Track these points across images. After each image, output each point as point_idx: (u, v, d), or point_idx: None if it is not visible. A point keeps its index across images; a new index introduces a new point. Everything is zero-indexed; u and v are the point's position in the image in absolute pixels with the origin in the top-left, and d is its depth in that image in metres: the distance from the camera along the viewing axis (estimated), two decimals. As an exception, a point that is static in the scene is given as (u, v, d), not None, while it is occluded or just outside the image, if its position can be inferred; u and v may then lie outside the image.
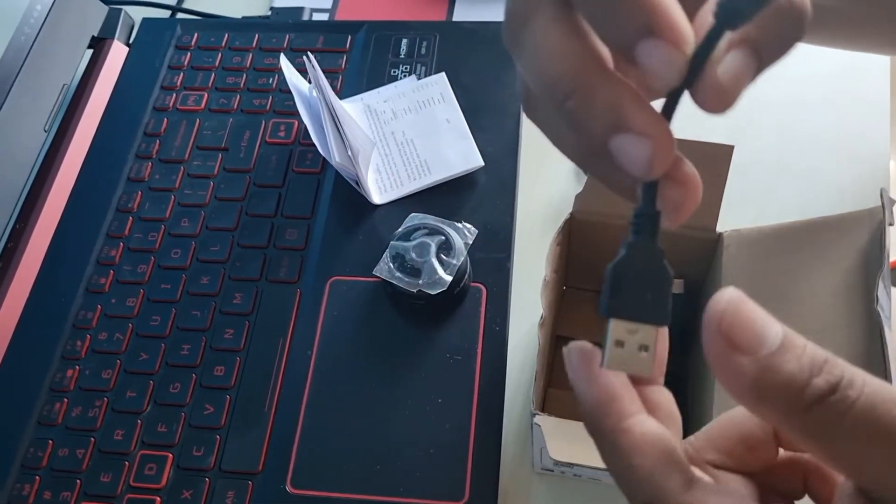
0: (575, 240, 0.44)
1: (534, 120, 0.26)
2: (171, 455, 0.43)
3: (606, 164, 0.22)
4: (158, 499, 0.42)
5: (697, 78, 0.21)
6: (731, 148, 0.38)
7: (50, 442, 0.44)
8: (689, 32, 0.20)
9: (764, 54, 0.22)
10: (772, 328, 0.21)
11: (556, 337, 0.46)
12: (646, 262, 0.23)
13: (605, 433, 0.23)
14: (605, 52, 0.22)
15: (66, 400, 0.45)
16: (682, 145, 0.29)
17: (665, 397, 0.25)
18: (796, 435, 0.21)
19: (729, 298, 0.21)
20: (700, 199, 0.23)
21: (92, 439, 0.44)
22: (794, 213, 0.42)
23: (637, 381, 0.24)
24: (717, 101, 0.21)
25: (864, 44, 0.46)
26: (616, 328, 0.23)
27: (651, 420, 0.23)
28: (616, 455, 0.23)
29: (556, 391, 0.45)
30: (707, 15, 0.21)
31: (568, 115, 0.21)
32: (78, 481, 0.43)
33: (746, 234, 0.41)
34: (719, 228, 0.42)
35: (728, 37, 0.21)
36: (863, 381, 0.20)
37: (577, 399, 0.24)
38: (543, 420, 0.36)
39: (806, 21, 0.22)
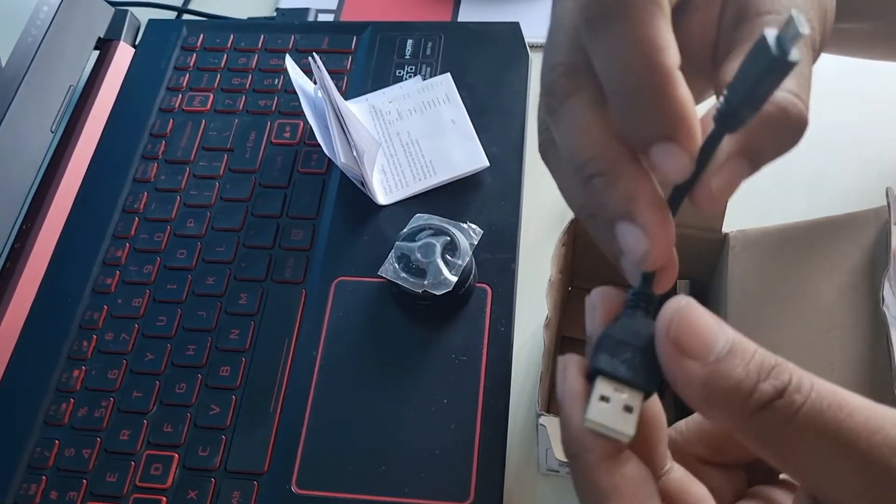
0: (580, 241, 0.44)
1: (547, 163, 0.28)
2: (176, 455, 0.43)
3: (605, 231, 0.24)
4: (164, 499, 0.42)
5: (696, 180, 0.23)
6: None
7: (56, 442, 0.44)
8: (699, 136, 0.22)
9: (756, 160, 0.24)
10: (720, 334, 0.21)
11: (561, 337, 0.46)
12: (641, 333, 0.23)
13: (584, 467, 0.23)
14: None
15: (72, 400, 0.45)
16: None
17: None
18: (746, 439, 0.21)
19: (677, 306, 0.22)
20: (674, 279, 0.24)
21: (98, 439, 0.44)
22: (800, 214, 0.42)
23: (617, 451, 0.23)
24: (709, 204, 0.23)
25: (888, 56, 0.45)
26: (603, 384, 0.23)
27: (634, 461, 0.23)
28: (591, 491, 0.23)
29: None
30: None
31: (589, 189, 0.24)
32: (84, 481, 0.43)
33: (752, 234, 0.41)
34: (725, 229, 0.42)
35: (727, 138, 0.22)
36: (811, 386, 0.20)
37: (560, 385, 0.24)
38: (549, 421, 0.36)
39: (802, 131, 0.24)
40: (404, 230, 0.44)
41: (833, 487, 0.20)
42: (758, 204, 0.49)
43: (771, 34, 0.19)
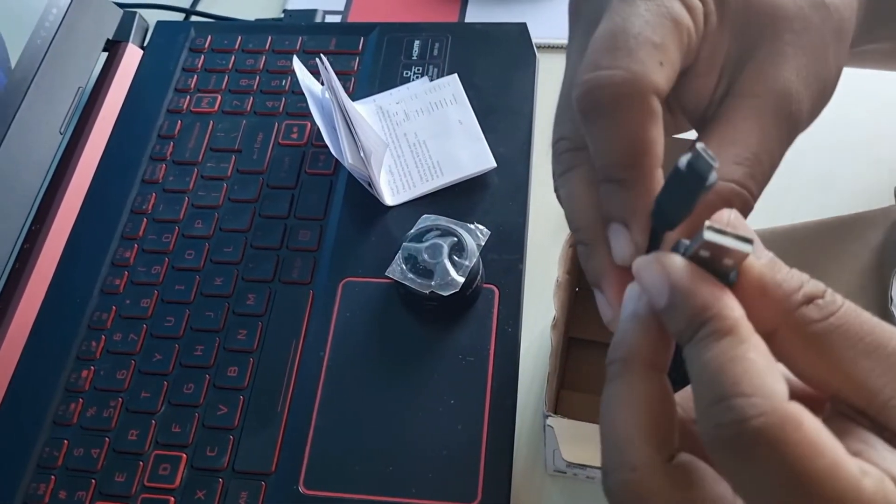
0: None
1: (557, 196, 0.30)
2: (184, 455, 0.43)
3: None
4: (172, 499, 0.42)
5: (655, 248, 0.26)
6: None
7: (65, 442, 0.44)
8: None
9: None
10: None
11: (568, 338, 0.46)
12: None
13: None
14: None
15: (81, 400, 0.46)
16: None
17: None
18: (786, 338, 0.22)
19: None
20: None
21: (107, 439, 0.44)
22: (809, 214, 0.42)
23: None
24: None
25: None
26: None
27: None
28: None
29: (568, 393, 0.45)
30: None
31: (578, 251, 0.29)
32: (93, 481, 0.43)
33: (760, 234, 0.41)
34: None
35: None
36: (843, 299, 0.22)
37: None
38: (556, 422, 0.36)
39: (747, 213, 0.27)
40: (411, 231, 0.44)
41: (865, 385, 0.22)
42: (766, 204, 0.48)
43: (683, 160, 0.22)
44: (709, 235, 0.22)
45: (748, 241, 0.22)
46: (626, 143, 0.25)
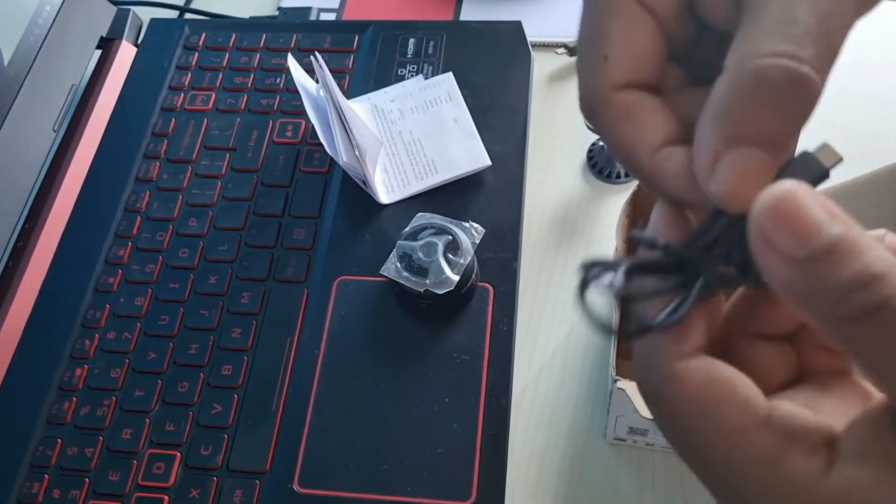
0: (640, 211, 0.43)
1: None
2: (179, 454, 0.43)
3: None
4: (167, 498, 0.42)
5: None
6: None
7: (59, 441, 0.44)
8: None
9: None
10: (822, 231, 0.19)
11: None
12: None
13: None
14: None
15: (74, 399, 0.46)
16: None
17: None
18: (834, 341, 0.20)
19: (773, 193, 0.19)
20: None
21: (100, 438, 0.44)
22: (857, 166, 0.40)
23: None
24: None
25: None
26: None
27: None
28: None
29: (622, 362, 0.44)
30: None
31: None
32: (87, 480, 0.43)
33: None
34: None
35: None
36: None
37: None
38: (627, 384, 0.35)
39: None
40: (406, 229, 0.44)
41: None
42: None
43: (807, 153, 0.21)
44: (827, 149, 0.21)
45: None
46: (620, 144, 0.24)
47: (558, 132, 0.56)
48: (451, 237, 0.43)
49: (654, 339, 0.22)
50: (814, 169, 0.21)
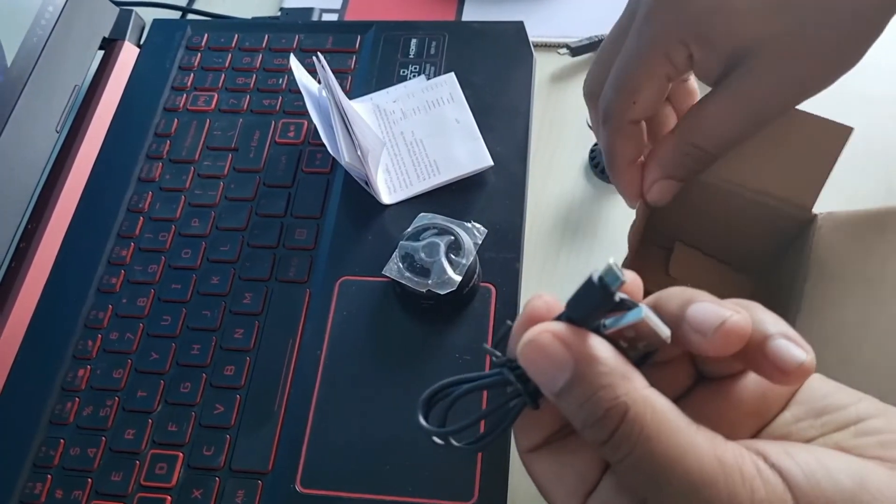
0: (654, 217, 0.42)
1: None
2: (181, 454, 0.43)
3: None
4: (169, 498, 0.42)
5: None
6: (850, 130, 0.36)
7: (62, 441, 0.44)
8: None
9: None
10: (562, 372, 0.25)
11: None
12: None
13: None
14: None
15: (77, 399, 0.46)
16: (798, 117, 0.37)
17: None
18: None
19: (530, 336, 0.25)
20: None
21: (103, 438, 0.44)
22: (885, 200, 0.40)
23: None
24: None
25: None
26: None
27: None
28: None
29: None
30: None
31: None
32: (89, 480, 0.43)
33: (841, 216, 0.39)
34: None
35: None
36: (640, 430, 0.23)
37: None
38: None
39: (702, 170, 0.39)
40: (408, 229, 0.44)
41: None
42: (842, 188, 0.44)
43: (595, 273, 0.23)
44: (648, 314, 0.24)
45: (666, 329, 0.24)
46: (611, 152, 0.40)
47: (560, 132, 0.56)
48: (453, 237, 0.43)
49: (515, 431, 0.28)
50: (598, 294, 0.23)
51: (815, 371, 0.24)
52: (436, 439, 0.27)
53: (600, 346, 0.24)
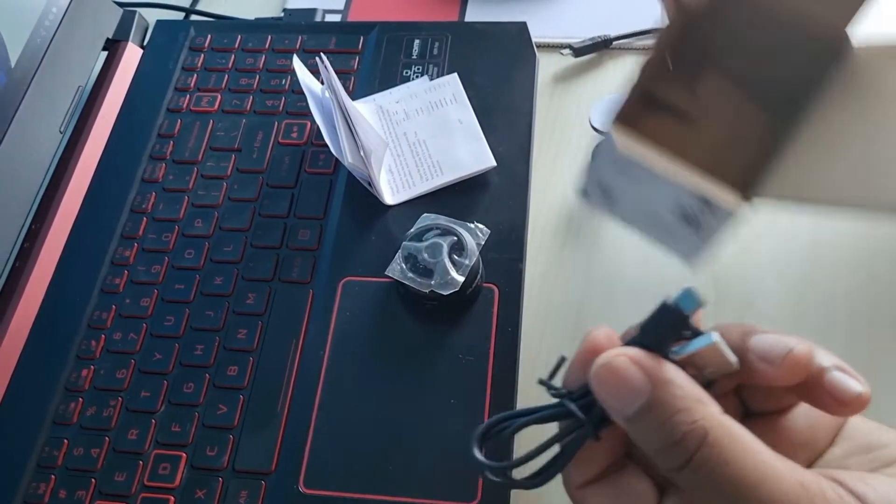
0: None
1: None
2: (184, 455, 0.43)
3: None
4: (172, 498, 0.42)
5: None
6: None
7: (65, 441, 0.44)
8: None
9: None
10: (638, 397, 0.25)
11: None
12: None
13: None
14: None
15: (80, 399, 0.46)
16: None
17: None
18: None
19: (604, 360, 0.25)
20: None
21: (106, 439, 0.44)
22: None
23: None
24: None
25: None
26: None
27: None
28: None
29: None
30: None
31: None
32: (93, 480, 0.43)
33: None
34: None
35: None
36: (716, 456, 0.23)
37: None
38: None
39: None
40: (411, 230, 0.44)
41: None
42: None
43: (670, 299, 0.24)
44: (719, 341, 0.24)
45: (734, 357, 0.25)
46: None
47: (563, 132, 0.56)
48: (456, 238, 0.43)
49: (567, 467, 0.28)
50: (673, 317, 0.24)
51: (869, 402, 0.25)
52: (489, 475, 0.27)
53: (676, 371, 0.24)
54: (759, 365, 0.25)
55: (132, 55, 0.61)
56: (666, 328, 0.24)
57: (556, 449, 0.28)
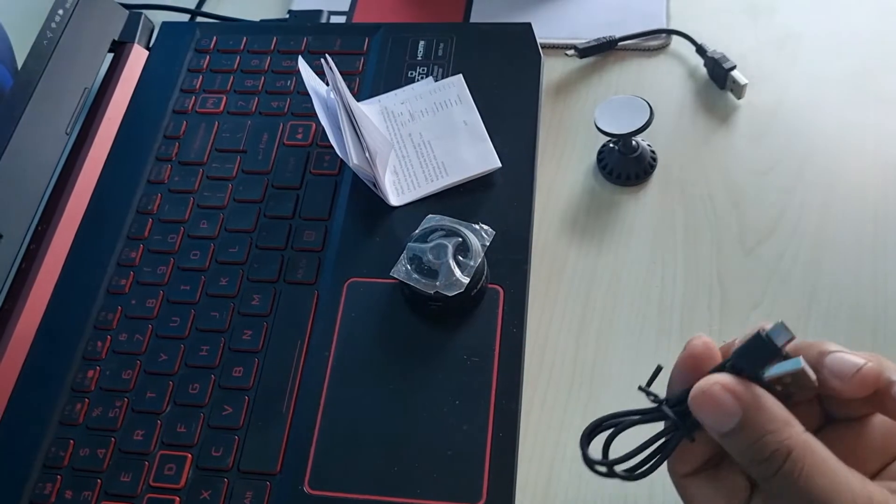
0: None
1: None
2: (190, 455, 0.43)
3: None
4: (178, 499, 0.42)
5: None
6: None
7: (71, 442, 0.45)
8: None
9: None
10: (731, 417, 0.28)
11: None
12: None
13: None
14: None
15: (87, 400, 0.46)
16: None
17: None
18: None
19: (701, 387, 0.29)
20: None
21: (112, 439, 0.44)
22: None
23: None
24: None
25: None
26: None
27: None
28: None
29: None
30: None
31: None
32: (99, 481, 0.43)
33: None
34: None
35: None
36: (801, 469, 0.27)
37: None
38: None
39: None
40: (416, 231, 0.44)
41: None
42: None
43: (764, 331, 0.28)
44: (805, 365, 0.27)
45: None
46: None
47: (568, 134, 0.56)
48: (460, 239, 0.43)
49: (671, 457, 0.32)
50: (766, 348, 0.28)
51: None
52: (599, 468, 0.31)
53: (765, 397, 0.28)
54: (832, 381, 0.29)
55: (138, 57, 0.61)
56: (759, 356, 0.28)
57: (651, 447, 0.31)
